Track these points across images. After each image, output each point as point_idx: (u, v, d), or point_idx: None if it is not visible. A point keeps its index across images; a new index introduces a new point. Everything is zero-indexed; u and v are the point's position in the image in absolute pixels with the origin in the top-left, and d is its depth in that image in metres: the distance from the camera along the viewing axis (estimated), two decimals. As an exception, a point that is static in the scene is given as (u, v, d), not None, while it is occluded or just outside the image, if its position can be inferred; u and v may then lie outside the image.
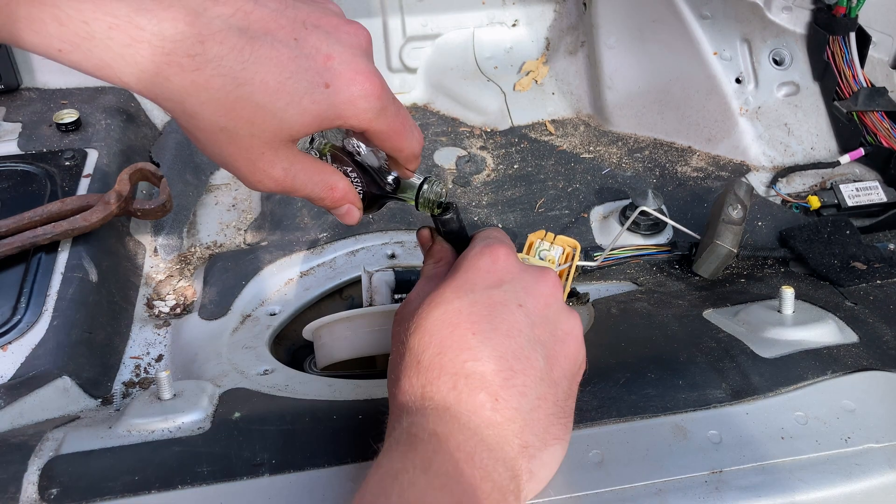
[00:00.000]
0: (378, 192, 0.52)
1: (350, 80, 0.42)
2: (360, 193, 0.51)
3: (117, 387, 0.71)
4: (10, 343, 0.69)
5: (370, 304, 0.70)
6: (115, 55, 0.38)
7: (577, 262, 0.64)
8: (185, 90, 0.39)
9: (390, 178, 0.52)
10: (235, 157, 0.43)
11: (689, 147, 1.04)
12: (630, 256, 0.82)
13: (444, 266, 0.53)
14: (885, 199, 0.88)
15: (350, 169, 0.51)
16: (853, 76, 0.96)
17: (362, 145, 0.51)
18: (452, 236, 0.55)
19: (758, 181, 0.96)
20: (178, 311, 0.81)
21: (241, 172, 0.44)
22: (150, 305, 0.82)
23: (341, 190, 0.48)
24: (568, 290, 0.63)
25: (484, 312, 0.45)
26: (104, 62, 0.38)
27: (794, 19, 0.99)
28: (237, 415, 0.53)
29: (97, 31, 0.37)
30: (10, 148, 0.91)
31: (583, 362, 0.49)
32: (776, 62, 1.01)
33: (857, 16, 0.94)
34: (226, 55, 0.39)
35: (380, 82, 0.44)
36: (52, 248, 0.77)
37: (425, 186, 0.53)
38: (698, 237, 0.79)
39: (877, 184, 0.90)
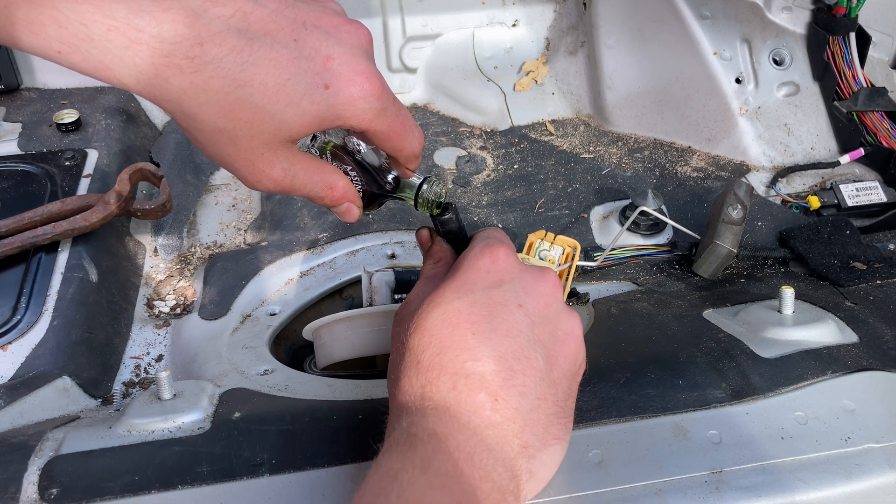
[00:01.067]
0: (378, 191, 0.52)
1: (349, 80, 0.42)
2: (359, 192, 0.51)
3: (117, 387, 0.71)
4: (10, 343, 0.69)
5: (370, 304, 0.70)
6: (114, 57, 0.38)
7: (577, 262, 0.64)
8: (183, 92, 0.39)
9: (390, 178, 0.52)
10: (235, 158, 0.43)
11: (689, 147, 1.03)
12: (630, 256, 0.82)
13: (444, 266, 0.53)
14: (885, 199, 0.88)
15: (350, 167, 0.51)
16: (853, 76, 0.96)
17: (363, 144, 0.51)
18: (452, 236, 0.55)
19: (758, 181, 0.96)
20: (178, 311, 0.81)
21: (241, 173, 0.44)
22: (150, 305, 0.82)
23: (341, 189, 0.49)
24: (568, 290, 0.63)
25: (484, 312, 0.45)
26: (103, 64, 0.38)
27: (794, 19, 0.99)
28: (237, 415, 0.53)
29: (96, 32, 0.37)
30: (10, 148, 0.91)
31: (583, 362, 0.49)
32: (776, 62, 1.01)
33: (857, 16, 0.94)
34: (225, 57, 0.39)
35: (380, 83, 0.44)
36: (52, 248, 0.77)
37: (425, 186, 0.53)
38: (698, 237, 0.79)
39: (877, 184, 0.90)
